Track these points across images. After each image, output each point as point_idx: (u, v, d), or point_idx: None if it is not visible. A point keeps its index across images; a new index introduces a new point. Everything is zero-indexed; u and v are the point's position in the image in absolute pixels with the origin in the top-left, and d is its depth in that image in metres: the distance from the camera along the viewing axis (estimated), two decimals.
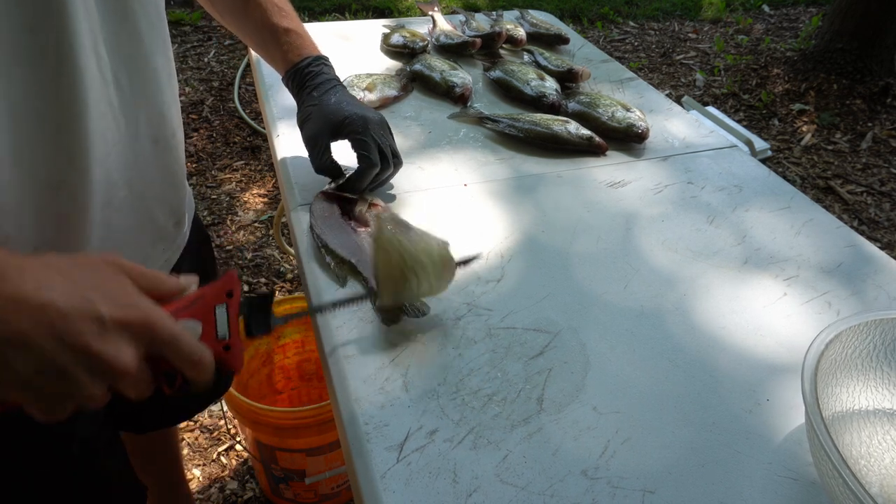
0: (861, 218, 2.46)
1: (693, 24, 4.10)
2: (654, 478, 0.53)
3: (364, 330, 0.64)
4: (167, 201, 0.75)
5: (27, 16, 0.50)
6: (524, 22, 1.36)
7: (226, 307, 0.52)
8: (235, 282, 0.54)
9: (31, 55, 0.52)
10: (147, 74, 0.65)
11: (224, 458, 1.57)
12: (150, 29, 0.64)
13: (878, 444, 0.57)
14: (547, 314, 0.68)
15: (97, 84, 0.57)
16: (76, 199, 0.59)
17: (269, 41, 0.84)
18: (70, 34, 0.53)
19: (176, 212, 0.78)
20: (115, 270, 0.47)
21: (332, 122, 0.78)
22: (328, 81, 0.82)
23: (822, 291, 0.73)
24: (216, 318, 0.52)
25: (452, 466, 0.52)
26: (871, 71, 3.11)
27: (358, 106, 0.80)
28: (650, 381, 0.61)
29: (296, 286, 2.04)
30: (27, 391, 0.43)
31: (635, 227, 0.81)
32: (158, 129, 0.69)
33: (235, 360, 0.52)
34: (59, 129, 0.55)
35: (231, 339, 0.52)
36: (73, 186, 0.58)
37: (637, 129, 0.96)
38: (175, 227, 0.79)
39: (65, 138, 0.56)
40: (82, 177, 0.59)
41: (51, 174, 0.57)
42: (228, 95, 2.98)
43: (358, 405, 0.57)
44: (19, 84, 0.52)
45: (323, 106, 0.79)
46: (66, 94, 0.55)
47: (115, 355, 0.43)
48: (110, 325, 0.43)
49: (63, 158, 0.57)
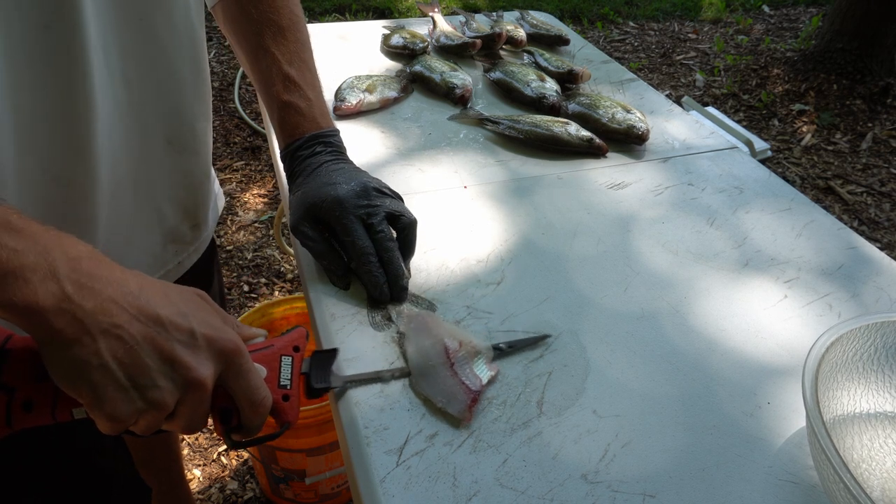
0: (861, 218, 2.46)
1: (693, 25, 4.10)
2: (654, 482, 0.53)
3: (364, 333, 0.64)
4: (180, 203, 0.74)
5: (44, 13, 0.51)
6: (524, 23, 1.36)
7: (291, 360, 0.54)
8: (303, 338, 0.56)
9: (45, 52, 0.53)
10: (162, 75, 0.64)
11: (224, 458, 1.57)
12: (170, 30, 0.63)
13: (880, 447, 0.57)
14: (547, 317, 0.67)
15: (105, 81, 0.58)
16: (83, 195, 0.60)
17: (269, 112, 0.77)
18: (81, 31, 0.53)
19: (192, 214, 0.76)
20: (204, 301, 0.50)
21: (306, 209, 0.69)
22: (315, 163, 0.73)
23: (823, 293, 0.73)
24: (280, 367, 0.53)
25: (452, 470, 0.52)
26: (871, 71, 3.11)
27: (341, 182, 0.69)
28: (650, 385, 0.61)
29: (296, 286, 2.04)
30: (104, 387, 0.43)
31: (635, 229, 0.81)
32: (174, 129, 0.68)
33: (292, 411, 0.53)
34: (66, 125, 0.56)
35: (291, 389, 0.53)
36: (79, 183, 0.59)
37: (637, 131, 0.96)
38: (192, 230, 0.77)
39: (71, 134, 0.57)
40: (89, 173, 0.59)
41: (58, 169, 0.57)
42: (228, 95, 2.98)
43: (358, 409, 0.57)
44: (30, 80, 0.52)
45: (301, 193, 0.71)
46: (74, 91, 0.55)
47: (196, 366, 0.45)
48: (200, 340, 0.46)
49: (70, 154, 0.57)
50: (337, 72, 1.11)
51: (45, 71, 0.53)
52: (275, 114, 0.75)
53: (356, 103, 1.01)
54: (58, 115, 0.55)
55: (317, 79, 0.78)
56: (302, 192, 0.71)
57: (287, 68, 0.74)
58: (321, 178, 0.70)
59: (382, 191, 0.71)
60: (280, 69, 0.74)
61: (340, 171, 0.71)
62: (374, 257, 0.66)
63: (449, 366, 0.59)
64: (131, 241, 0.69)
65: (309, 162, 0.73)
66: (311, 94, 0.75)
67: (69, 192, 0.59)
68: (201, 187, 0.77)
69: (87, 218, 0.62)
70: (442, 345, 0.61)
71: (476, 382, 0.59)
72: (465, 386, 0.58)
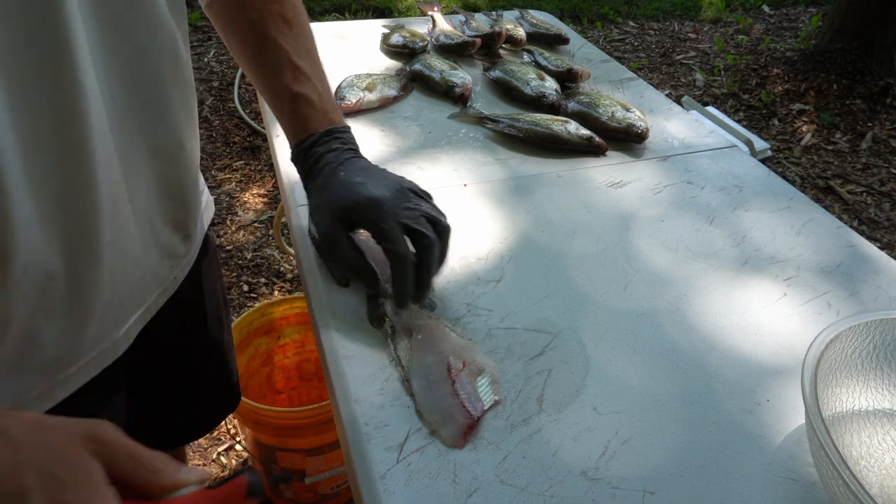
0: (861, 218, 2.46)
1: (693, 24, 4.10)
2: (654, 478, 0.53)
3: (364, 330, 0.64)
4: (171, 215, 0.71)
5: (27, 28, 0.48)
6: (524, 22, 1.36)
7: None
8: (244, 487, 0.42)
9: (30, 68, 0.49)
10: (144, 85, 0.61)
11: (224, 458, 1.57)
12: (151, 37, 0.60)
13: (879, 444, 0.57)
14: (546, 315, 0.68)
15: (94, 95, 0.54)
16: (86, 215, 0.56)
17: (277, 107, 0.72)
18: (68, 45, 0.50)
19: (183, 226, 0.74)
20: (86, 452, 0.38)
21: (339, 213, 0.64)
22: (335, 160, 0.68)
23: (822, 292, 0.73)
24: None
25: (452, 467, 0.52)
26: (871, 71, 3.11)
27: (371, 181, 0.65)
28: (650, 382, 0.61)
29: (296, 286, 2.04)
30: None
31: (635, 228, 0.81)
32: (159, 140, 0.65)
33: None
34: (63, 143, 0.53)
35: None
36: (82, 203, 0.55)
37: (637, 129, 0.96)
38: (184, 242, 0.75)
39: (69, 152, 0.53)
40: (90, 192, 0.56)
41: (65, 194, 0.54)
42: (228, 95, 2.98)
43: (358, 405, 0.57)
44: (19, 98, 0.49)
45: (328, 194, 0.66)
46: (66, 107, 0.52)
47: None
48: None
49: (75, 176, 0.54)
50: (337, 71, 1.11)
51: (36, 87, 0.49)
52: (285, 106, 0.70)
53: (356, 102, 1.01)
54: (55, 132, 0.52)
55: (324, 73, 0.74)
56: (328, 192, 0.65)
57: (296, 59, 0.70)
58: (348, 177, 0.65)
59: (416, 192, 0.66)
60: (289, 60, 0.70)
61: (366, 169, 0.67)
62: (413, 267, 0.62)
63: (450, 384, 0.58)
64: (138, 263, 0.65)
65: (328, 159, 0.68)
66: (321, 88, 0.72)
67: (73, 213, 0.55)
68: (190, 196, 0.73)
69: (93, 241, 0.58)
70: (445, 362, 0.59)
71: (477, 406, 0.56)
72: (464, 409, 0.56)
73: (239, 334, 1.40)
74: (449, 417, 0.55)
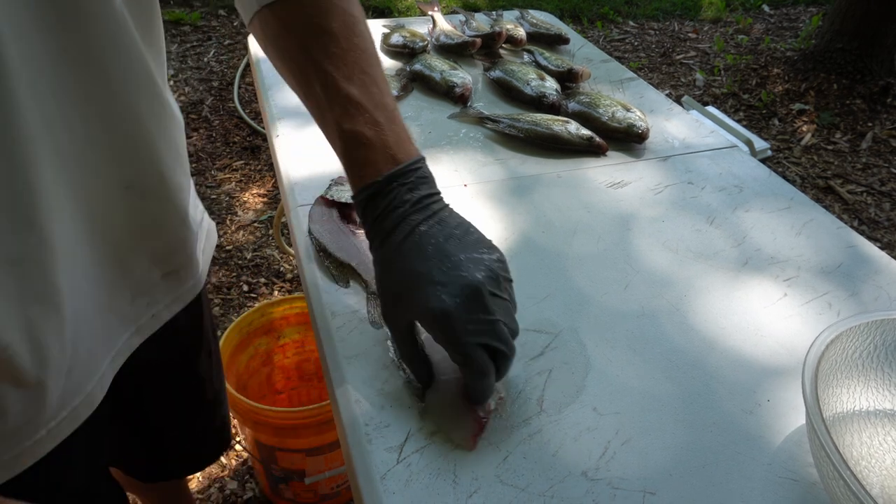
0: (861, 218, 2.46)
1: (693, 24, 4.10)
2: (654, 479, 0.53)
3: (364, 331, 0.64)
4: (146, 250, 0.65)
5: None
6: (524, 22, 1.36)
7: None
8: None
9: None
10: (111, 117, 0.55)
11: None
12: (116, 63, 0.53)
13: (879, 445, 0.57)
14: (547, 315, 0.68)
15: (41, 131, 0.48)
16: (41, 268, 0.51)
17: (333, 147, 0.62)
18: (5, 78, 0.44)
19: (163, 261, 0.67)
20: None
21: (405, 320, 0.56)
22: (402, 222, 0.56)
23: (823, 292, 0.73)
24: None
25: (453, 467, 0.52)
26: (871, 71, 3.12)
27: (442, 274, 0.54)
28: (650, 382, 0.61)
29: (295, 286, 2.04)
30: None
31: (635, 228, 0.81)
32: (130, 174, 0.59)
33: None
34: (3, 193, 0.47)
35: None
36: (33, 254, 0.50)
37: (637, 129, 0.96)
38: (164, 279, 0.68)
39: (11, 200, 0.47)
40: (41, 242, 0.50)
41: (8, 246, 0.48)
42: (228, 95, 2.98)
43: (358, 406, 0.57)
44: None
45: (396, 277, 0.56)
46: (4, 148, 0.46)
47: None
48: None
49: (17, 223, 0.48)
50: None
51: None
52: (337, 149, 0.60)
53: None
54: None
55: (388, 94, 0.61)
56: (397, 274, 0.56)
57: (346, 86, 0.58)
58: (416, 262, 0.55)
59: (498, 293, 0.55)
60: (337, 89, 0.58)
61: (438, 246, 0.55)
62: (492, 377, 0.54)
63: (459, 383, 0.57)
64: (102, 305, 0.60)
65: (393, 219, 0.57)
66: (381, 117, 0.59)
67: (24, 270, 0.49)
68: (175, 232, 0.67)
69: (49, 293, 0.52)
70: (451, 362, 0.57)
71: (485, 407, 0.56)
72: (474, 410, 0.55)
73: (239, 334, 1.40)
74: (459, 419, 0.55)
